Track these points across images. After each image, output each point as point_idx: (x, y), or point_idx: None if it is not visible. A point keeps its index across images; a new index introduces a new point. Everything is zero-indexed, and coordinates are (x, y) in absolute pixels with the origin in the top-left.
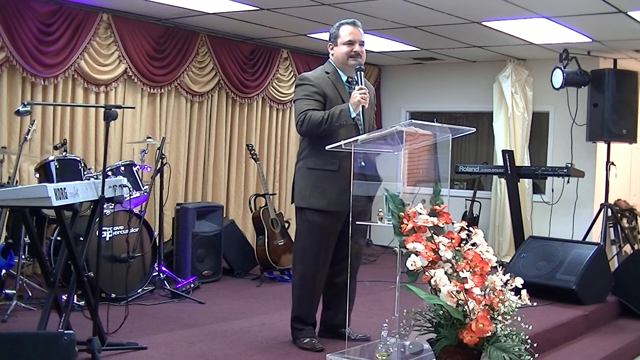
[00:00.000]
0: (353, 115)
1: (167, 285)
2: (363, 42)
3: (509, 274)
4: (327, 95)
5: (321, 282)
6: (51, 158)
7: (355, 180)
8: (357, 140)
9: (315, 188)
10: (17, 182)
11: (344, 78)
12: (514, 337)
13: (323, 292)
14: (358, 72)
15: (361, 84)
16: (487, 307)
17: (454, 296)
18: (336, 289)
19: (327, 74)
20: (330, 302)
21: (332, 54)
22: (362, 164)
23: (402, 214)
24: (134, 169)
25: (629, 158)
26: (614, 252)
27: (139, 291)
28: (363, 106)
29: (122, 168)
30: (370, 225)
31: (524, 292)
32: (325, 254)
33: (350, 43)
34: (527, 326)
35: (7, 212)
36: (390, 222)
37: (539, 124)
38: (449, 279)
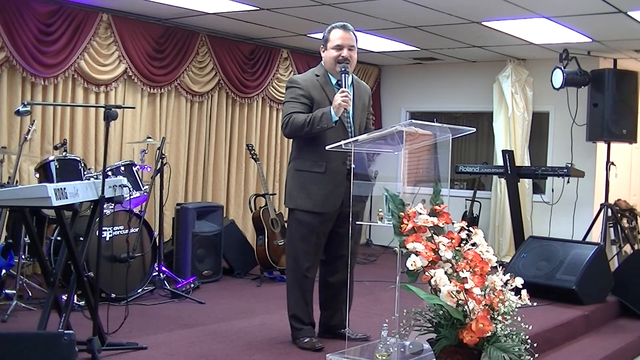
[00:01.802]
0: (335, 118)
1: (167, 285)
2: (353, 46)
3: (509, 274)
4: (314, 98)
5: (313, 280)
6: (51, 158)
7: (346, 181)
8: (357, 140)
9: (302, 189)
10: (17, 182)
11: (334, 81)
12: (514, 337)
13: (319, 293)
14: (342, 75)
15: (345, 87)
16: (487, 307)
17: (454, 296)
18: (332, 289)
19: (317, 77)
20: (326, 303)
21: (323, 57)
22: (353, 165)
23: (402, 214)
24: (134, 169)
25: (629, 158)
26: (614, 252)
27: (139, 291)
28: (353, 107)
29: (122, 168)
30: (369, 225)
31: (524, 292)
32: (315, 252)
33: (339, 48)
34: (527, 326)
35: (7, 212)
36: (390, 222)
37: (539, 124)
38: (449, 279)
